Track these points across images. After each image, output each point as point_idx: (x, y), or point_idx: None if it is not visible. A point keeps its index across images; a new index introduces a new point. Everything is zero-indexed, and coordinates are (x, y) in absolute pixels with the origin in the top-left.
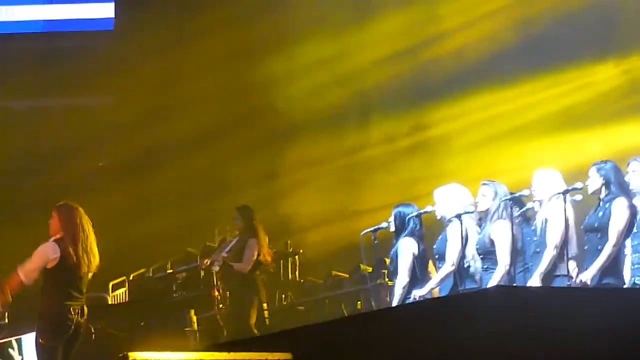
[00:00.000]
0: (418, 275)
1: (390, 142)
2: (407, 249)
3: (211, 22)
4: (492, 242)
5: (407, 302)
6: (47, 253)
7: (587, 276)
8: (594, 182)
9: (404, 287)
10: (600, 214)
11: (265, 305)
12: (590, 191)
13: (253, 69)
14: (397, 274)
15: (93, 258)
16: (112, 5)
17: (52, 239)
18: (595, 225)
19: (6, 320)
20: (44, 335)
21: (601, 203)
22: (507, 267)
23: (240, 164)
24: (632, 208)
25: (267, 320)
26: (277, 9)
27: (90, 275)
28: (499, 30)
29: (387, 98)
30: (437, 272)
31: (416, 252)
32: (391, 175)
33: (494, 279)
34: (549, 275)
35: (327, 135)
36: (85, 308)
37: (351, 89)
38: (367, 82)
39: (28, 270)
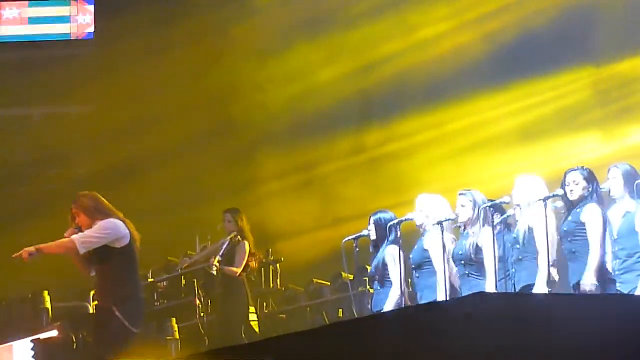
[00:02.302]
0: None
1: (369, 150)
2: (395, 257)
3: (190, 30)
4: (476, 249)
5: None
6: (117, 228)
7: (587, 283)
8: (578, 188)
9: (399, 296)
10: (570, 218)
11: (252, 308)
12: (574, 197)
13: (232, 77)
14: (386, 282)
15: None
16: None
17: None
18: (565, 229)
19: None
20: (134, 318)
21: (574, 209)
22: (495, 274)
23: (220, 173)
24: (604, 214)
25: (256, 326)
26: (250, 19)
27: None
28: (472, 43)
29: (363, 107)
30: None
31: (402, 260)
32: (370, 183)
33: (488, 287)
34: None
35: (307, 144)
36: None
37: (330, 98)
38: (344, 92)
39: (89, 241)
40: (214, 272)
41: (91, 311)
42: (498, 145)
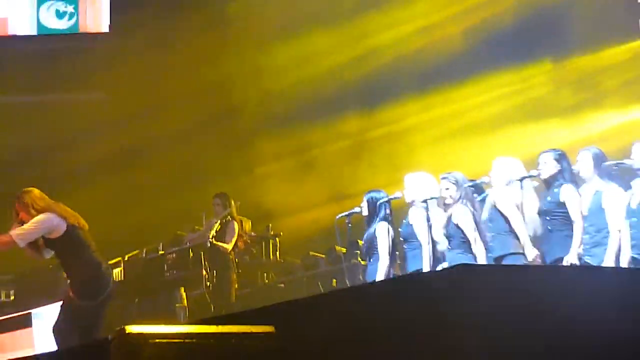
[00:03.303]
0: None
1: (361, 134)
2: (384, 232)
3: (195, 23)
4: (466, 226)
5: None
6: (50, 220)
7: (571, 257)
8: (549, 168)
9: (387, 267)
10: (549, 198)
11: (235, 285)
12: (545, 176)
13: (233, 66)
14: (376, 255)
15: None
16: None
17: (47, 215)
18: (544, 208)
19: (12, 298)
20: (85, 296)
21: (551, 188)
22: (483, 247)
23: (224, 155)
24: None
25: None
26: (253, 11)
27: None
28: (454, 36)
29: (357, 94)
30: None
31: (392, 235)
32: (362, 165)
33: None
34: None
35: (303, 129)
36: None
37: (325, 85)
38: (340, 80)
39: (25, 235)
40: (209, 245)
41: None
42: (479, 130)
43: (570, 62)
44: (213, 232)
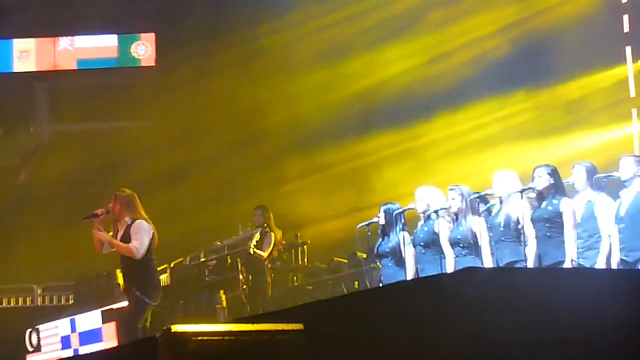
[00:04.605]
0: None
1: (377, 153)
2: (407, 241)
3: (232, 57)
4: (473, 234)
5: None
6: (150, 228)
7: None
8: (543, 181)
9: (413, 271)
10: (550, 208)
11: (270, 287)
12: (539, 188)
13: (263, 94)
14: (400, 260)
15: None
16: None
17: (130, 217)
18: (545, 216)
19: (70, 302)
20: (155, 297)
21: (548, 199)
22: (490, 253)
23: (256, 174)
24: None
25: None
26: (285, 44)
27: None
28: (460, 64)
29: (374, 118)
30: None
31: (412, 243)
32: (379, 179)
33: (486, 264)
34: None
35: (326, 149)
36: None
37: (345, 109)
38: (359, 104)
39: (142, 247)
40: (251, 252)
41: None
42: (480, 148)
43: (561, 87)
44: (254, 242)
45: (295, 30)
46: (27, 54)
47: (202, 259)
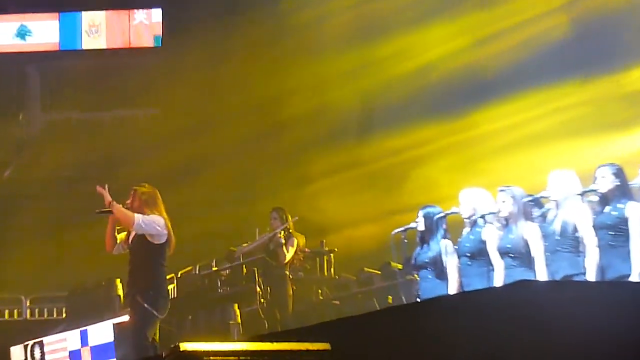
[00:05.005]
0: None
1: (416, 148)
2: (450, 250)
3: (248, 38)
4: (525, 242)
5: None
6: (164, 226)
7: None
8: (607, 182)
9: (457, 284)
10: (615, 213)
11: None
12: (603, 190)
13: (285, 80)
14: (442, 272)
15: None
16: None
17: (150, 214)
18: (609, 223)
19: (63, 315)
20: (163, 309)
21: (612, 203)
22: (545, 264)
23: (276, 171)
24: None
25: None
26: (305, 27)
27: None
28: (508, 49)
29: (413, 106)
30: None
31: (454, 252)
32: (417, 179)
33: (540, 277)
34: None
35: (360, 142)
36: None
37: (380, 97)
38: (395, 92)
39: (144, 226)
40: (282, 241)
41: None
42: (532, 144)
43: (624, 76)
44: (283, 233)
45: (324, 7)
46: (96, 29)
47: (214, 268)
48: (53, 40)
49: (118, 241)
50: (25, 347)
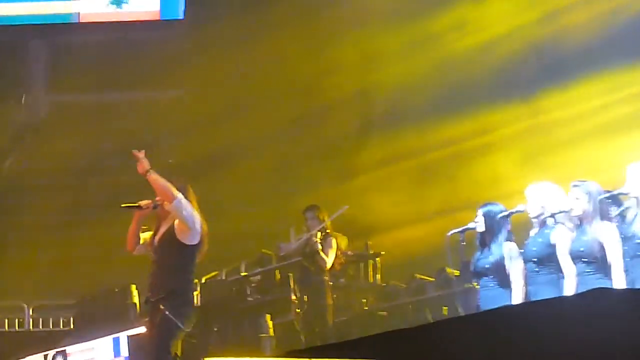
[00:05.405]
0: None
1: (476, 137)
2: (514, 254)
3: (282, 14)
4: (601, 245)
5: None
6: (200, 225)
7: None
8: None
9: (523, 294)
10: None
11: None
12: None
13: (326, 59)
14: (504, 279)
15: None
16: None
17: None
18: None
19: (71, 326)
20: (190, 322)
21: None
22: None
23: (315, 162)
24: None
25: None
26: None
27: None
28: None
29: (476, 89)
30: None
31: (519, 256)
32: (477, 172)
33: (617, 285)
34: None
35: (413, 129)
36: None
37: (436, 79)
38: (455, 72)
39: (184, 210)
40: (319, 247)
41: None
42: (607, 133)
43: None
44: (319, 239)
45: None
46: None
47: (243, 273)
48: (153, 9)
49: (141, 241)
50: (45, 357)
